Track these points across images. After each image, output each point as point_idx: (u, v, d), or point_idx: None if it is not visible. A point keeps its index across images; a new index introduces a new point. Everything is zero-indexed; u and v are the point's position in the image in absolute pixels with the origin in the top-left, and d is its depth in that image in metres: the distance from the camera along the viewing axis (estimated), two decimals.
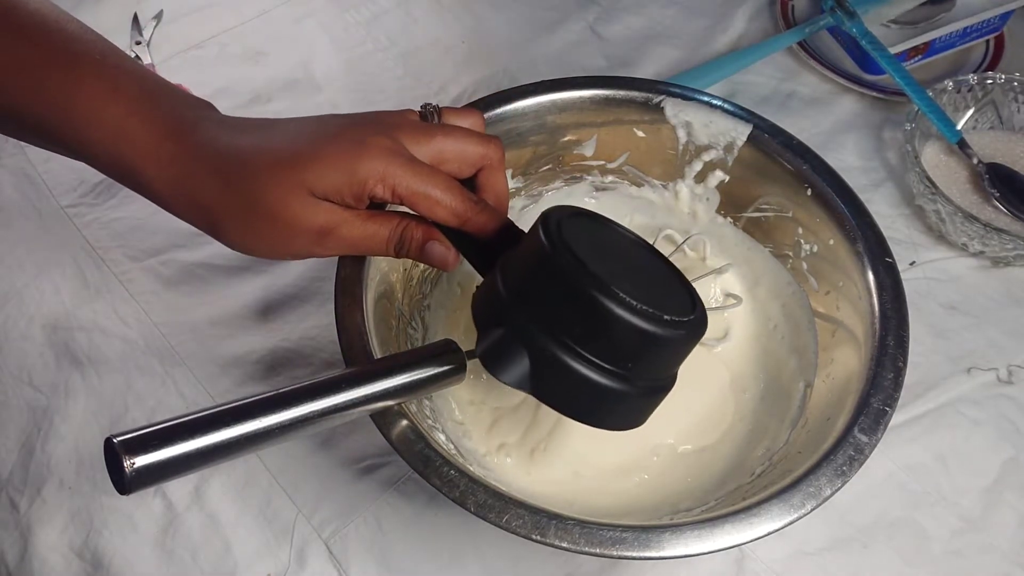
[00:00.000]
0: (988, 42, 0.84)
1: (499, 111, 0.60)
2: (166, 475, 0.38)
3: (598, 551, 0.45)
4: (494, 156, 0.50)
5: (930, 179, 0.70)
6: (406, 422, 0.47)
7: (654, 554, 0.45)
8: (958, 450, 0.62)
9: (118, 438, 0.37)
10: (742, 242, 0.64)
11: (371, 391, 0.43)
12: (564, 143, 0.63)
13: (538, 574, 0.57)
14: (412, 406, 0.49)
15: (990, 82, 0.76)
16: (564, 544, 0.45)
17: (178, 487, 0.59)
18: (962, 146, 0.73)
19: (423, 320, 0.60)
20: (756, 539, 0.46)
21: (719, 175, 0.63)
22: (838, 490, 0.47)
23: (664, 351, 0.46)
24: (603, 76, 0.64)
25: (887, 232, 0.57)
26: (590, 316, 0.43)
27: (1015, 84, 0.75)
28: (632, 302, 0.43)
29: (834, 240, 0.58)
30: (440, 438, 0.51)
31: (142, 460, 0.37)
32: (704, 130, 0.62)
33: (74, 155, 0.49)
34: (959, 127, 0.76)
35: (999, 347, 0.67)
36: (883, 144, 0.78)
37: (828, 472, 0.48)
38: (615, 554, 0.45)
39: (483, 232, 0.48)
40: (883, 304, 0.54)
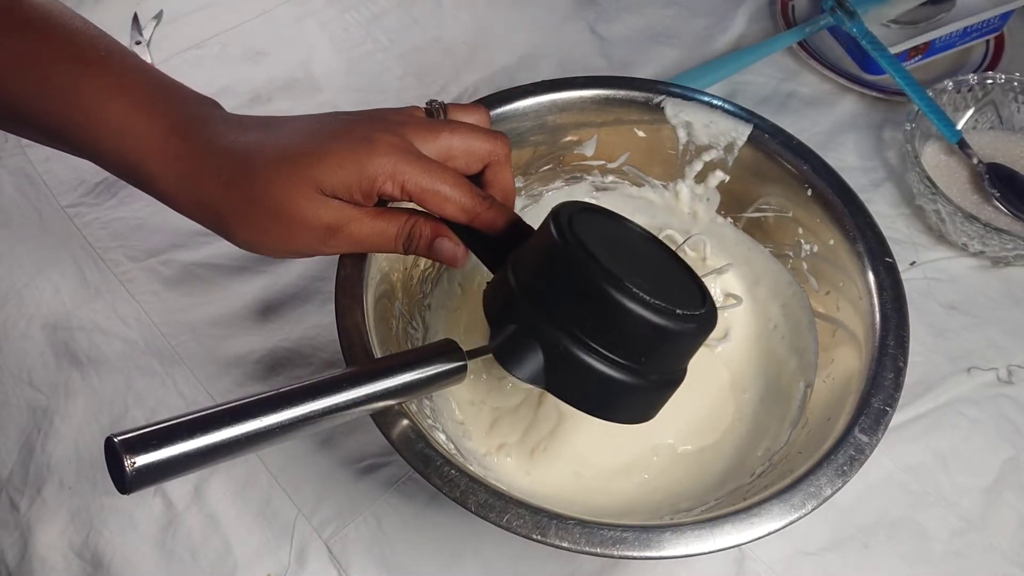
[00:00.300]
0: (988, 42, 0.84)
1: (499, 111, 0.60)
2: (166, 474, 0.38)
3: (599, 551, 0.45)
4: (501, 152, 0.50)
5: (930, 179, 0.70)
6: (406, 422, 0.47)
7: (654, 554, 0.45)
8: (958, 450, 0.62)
9: (119, 437, 0.37)
10: (742, 242, 0.64)
11: (371, 391, 0.43)
12: (564, 143, 0.63)
13: (538, 574, 0.57)
14: (412, 406, 0.49)
15: (990, 82, 0.76)
16: (565, 544, 0.45)
17: (178, 487, 0.59)
18: (962, 146, 0.73)
19: (423, 320, 0.60)
20: (756, 539, 0.46)
21: (719, 175, 0.63)
22: (838, 490, 0.47)
23: (676, 345, 0.46)
24: (603, 76, 0.64)
25: (887, 232, 0.57)
26: (603, 311, 0.43)
27: (1015, 84, 0.75)
28: (644, 296, 0.43)
29: (834, 240, 0.58)
30: (440, 438, 0.51)
31: (143, 459, 0.37)
32: (704, 130, 0.62)
33: (78, 152, 0.49)
34: (959, 127, 0.76)
35: (999, 347, 0.67)
36: (883, 144, 0.78)
37: (828, 472, 0.48)
38: (616, 554, 0.45)
39: (492, 228, 0.49)
40: (883, 304, 0.54)
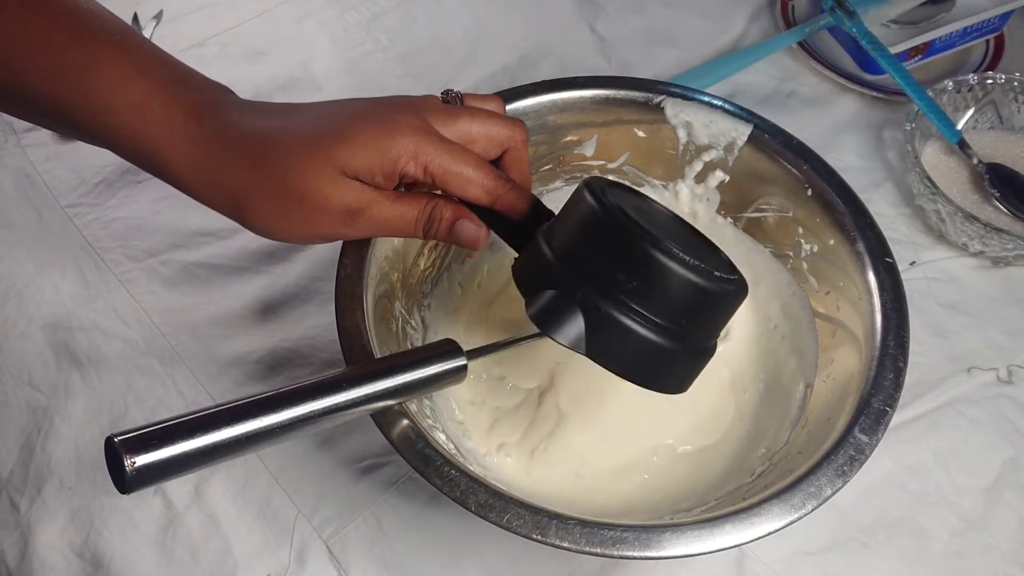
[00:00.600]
0: (988, 42, 0.84)
1: None
2: (166, 474, 0.38)
3: (599, 551, 0.45)
4: (520, 138, 0.51)
5: (930, 179, 0.70)
6: (406, 422, 0.47)
7: (655, 554, 0.45)
8: (958, 450, 0.62)
9: (119, 437, 0.37)
10: (742, 242, 0.64)
11: (371, 391, 0.44)
12: (564, 143, 0.63)
13: (538, 574, 0.57)
14: (412, 406, 0.49)
15: (990, 82, 0.76)
16: (565, 544, 0.45)
17: (178, 487, 0.59)
18: (962, 146, 0.73)
19: (423, 320, 0.60)
20: (756, 539, 0.46)
21: (719, 175, 0.63)
22: (838, 490, 0.47)
23: (714, 308, 0.47)
24: (603, 76, 0.64)
25: (887, 232, 0.57)
26: (645, 272, 0.44)
27: (1015, 84, 0.75)
28: (686, 257, 0.44)
29: (834, 240, 0.58)
30: (440, 438, 0.51)
31: (143, 459, 0.37)
32: (704, 130, 0.62)
33: (91, 137, 0.48)
34: (959, 127, 0.76)
35: (999, 347, 0.67)
36: (883, 144, 0.78)
37: (828, 472, 0.48)
38: (616, 554, 0.45)
39: (513, 210, 0.49)
40: (883, 304, 0.54)
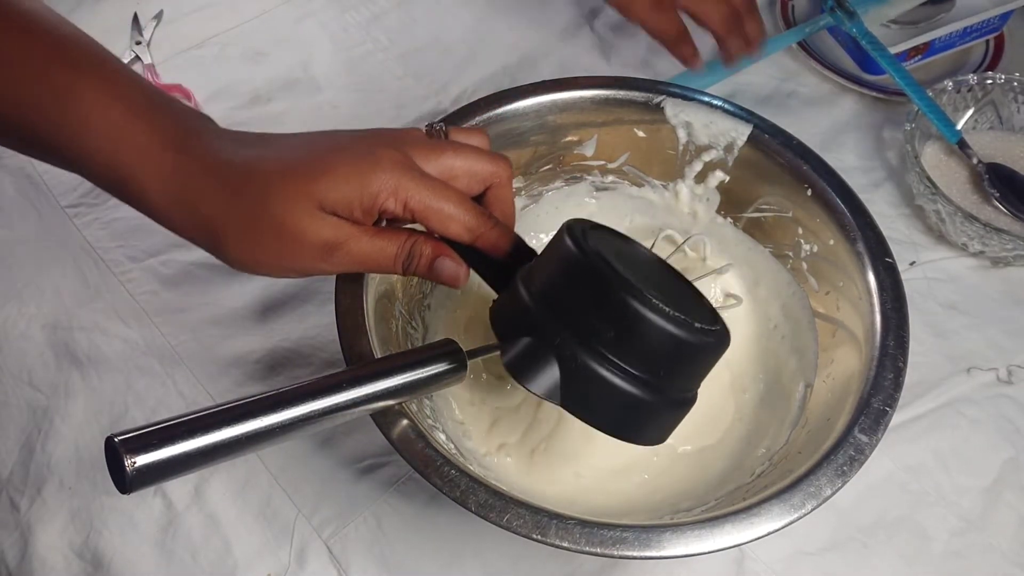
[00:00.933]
0: (988, 42, 0.84)
1: (499, 111, 0.60)
2: (167, 474, 0.38)
3: (599, 551, 0.45)
4: (503, 174, 0.50)
5: (930, 179, 0.70)
6: (406, 422, 0.47)
7: (655, 554, 0.45)
8: (958, 450, 0.62)
9: (119, 437, 0.37)
10: (742, 242, 0.64)
11: (371, 391, 0.43)
12: (565, 143, 0.63)
13: (538, 574, 0.57)
14: (412, 406, 0.49)
15: (990, 82, 0.76)
16: (565, 544, 0.45)
17: (178, 487, 0.59)
18: (962, 146, 0.73)
19: (423, 320, 0.60)
20: (756, 539, 0.46)
21: (719, 175, 0.63)
22: (838, 490, 0.47)
23: (694, 359, 0.46)
24: (603, 76, 0.64)
25: (887, 232, 0.57)
26: (623, 321, 0.43)
27: (1015, 84, 0.75)
28: (665, 308, 0.43)
29: (834, 240, 0.58)
30: (440, 438, 0.51)
31: (143, 459, 0.37)
32: (704, 130, 0.62)
33: (66, 163, 0.47)
34: (959, 127, 0.76)
35: (999, 347, 0.67)
36: (883, 144, 0.78)
37: (828, 472, 0.48)
38: (616, 554, 0.45)
39: (495, 248, 0.48)
40: (883, 304, 0.54)
